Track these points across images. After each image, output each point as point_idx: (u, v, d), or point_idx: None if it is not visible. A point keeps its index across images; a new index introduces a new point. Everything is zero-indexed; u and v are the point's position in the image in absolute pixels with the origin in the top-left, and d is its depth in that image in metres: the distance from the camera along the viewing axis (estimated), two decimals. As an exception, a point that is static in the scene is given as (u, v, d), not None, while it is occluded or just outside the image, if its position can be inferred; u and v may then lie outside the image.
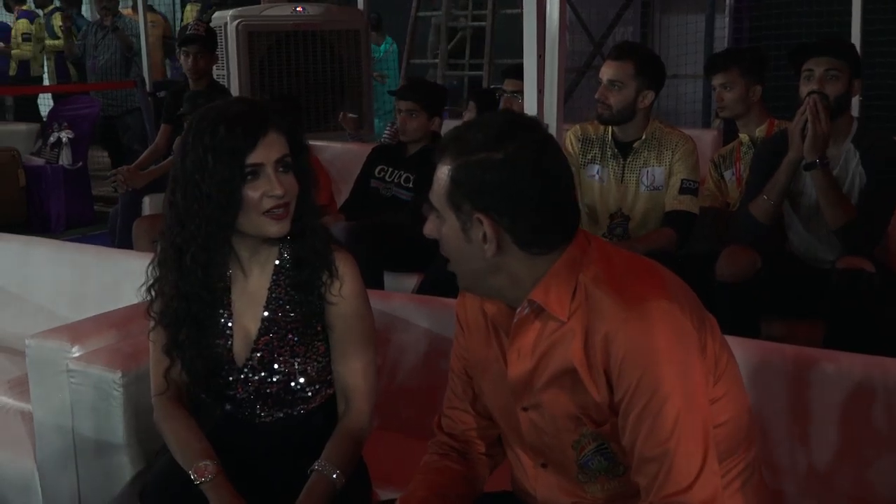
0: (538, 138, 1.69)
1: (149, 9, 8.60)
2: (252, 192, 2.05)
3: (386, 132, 6.62)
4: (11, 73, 9.59)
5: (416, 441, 2.37)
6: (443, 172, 1.70)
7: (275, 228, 2.10)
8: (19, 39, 9.19)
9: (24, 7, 9.24)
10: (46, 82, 9.97)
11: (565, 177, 1.72)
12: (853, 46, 3.45)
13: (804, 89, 3.31)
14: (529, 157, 1.66)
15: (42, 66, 9.36)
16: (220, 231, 2.08)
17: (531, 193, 1.66)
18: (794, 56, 3.40)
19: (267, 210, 2.07)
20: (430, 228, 1.77)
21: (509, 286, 1.75)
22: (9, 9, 9.90)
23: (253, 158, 2.04)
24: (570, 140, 3.85)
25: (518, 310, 1.75)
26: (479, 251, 1.70)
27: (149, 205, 5.19)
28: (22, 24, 9.22)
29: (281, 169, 2.08)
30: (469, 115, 5.53)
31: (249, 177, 2.05)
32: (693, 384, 1.64)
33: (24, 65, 9.31)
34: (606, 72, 3.71)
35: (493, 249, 1.69)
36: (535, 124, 1.74)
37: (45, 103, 9.92)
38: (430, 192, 1.73)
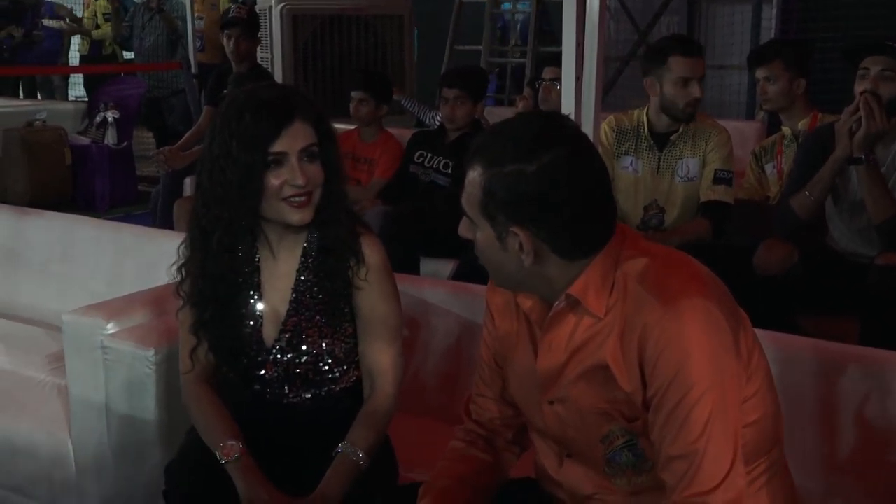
0: (572, 144, 1.65)
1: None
2: (274, 180, 2.06)
3: (438, 117, 6.55)
4: (83, 51, 9.68)
5: (445, 425, 2.37)
6: (474, 180, 1.67)
7: (296, 217, 2.10)
8: (100, 19, 9.28)
9: None
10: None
11: (602, 179, 1.68)
12: None
13: (858, 88, 3.25)
14: (564, 167, 1.61)
15: (110, 45, 9.46)
16: (244, 216, 2.10)
17: (568, 204, 1.62)
18: (851, 53, 3.34)
19: (287, 197, 2.08)
20: (464, 230, 1.75)
21: (546, 286, 1.73)
22: None
23: (276, 147, 2.05)
24: (605, 131, 3.82)
25: (555, 304, 1.74)
26: (516, 260, 1.68)
27: (190, 186, 5.23)
28: (102, 4, 9.32)
29: (306, 158, 2.08)
30: (523, 103, 5.52)
31: (272, 165, 2.06)
32: (726, 385, 1.62)
33: (95, 44, 9.41)
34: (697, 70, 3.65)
35: (531, 260, 1.67)
36: (568, 127, 1.69)
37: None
38: (463, 196, 1.70)
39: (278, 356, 2.21)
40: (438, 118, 6.47)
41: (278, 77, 6.23)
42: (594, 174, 1.66)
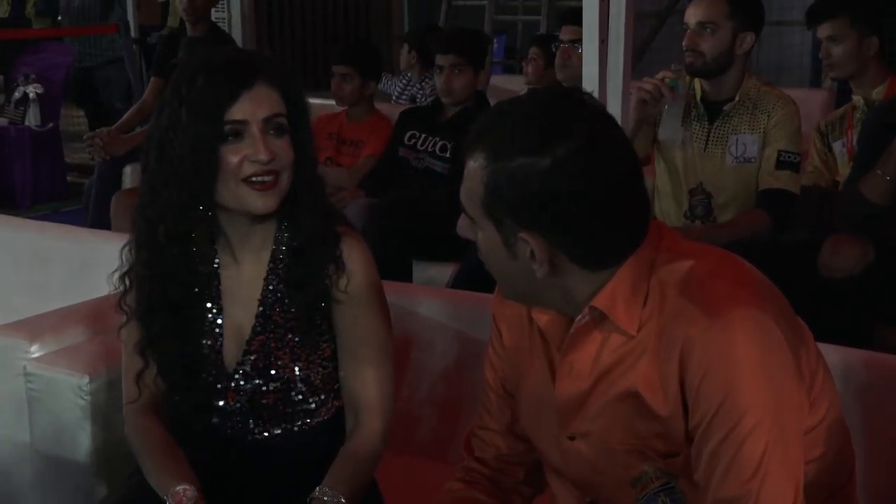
0: (593, 130, 1.64)
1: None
2: (232, 156, 2.05)
3: (396, 91, 6.48)
4: (2, 14, 9.74)
5: (442, 466, 2.39)
6: (475, 173, 1.66)
7: (259, 202, 2.09)
8: None
9: None
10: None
11: (631, 173, 1.68)
12: None
13: None
14: (583, 161, 1.61)
15: (34, 6, 9.53)
16: (196, 200, 2.09)
17: (587, 205, 1.62)
18: None
19: (247, 177, 2.07)
20: (463, 229, 1.76)
21: (564, 299, 1.74)
22: None
23: (234, 114, 2.05)
24: None
25: (577, 319, 1.74)
26: (528, 269, 1.68)
27: (131, 176, 5.24)
28: None
29: (272, 131, 2.08)
30: (532, 66, 5.53)
31: (230, 137, 2.05)
32: (785, 412, 1.63)
33: (16, 5, 9.48)
34: (695, 13, 3.69)
35: (545, 270, 1.67)
36: (589, 108, 1.69)
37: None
38: (462, 191, 1.71)
39: (241, 383, 2.21)
40: (401, 81, 6.43)
41: (238, 40, 6.24)
42: (621, 168, 1.66)
